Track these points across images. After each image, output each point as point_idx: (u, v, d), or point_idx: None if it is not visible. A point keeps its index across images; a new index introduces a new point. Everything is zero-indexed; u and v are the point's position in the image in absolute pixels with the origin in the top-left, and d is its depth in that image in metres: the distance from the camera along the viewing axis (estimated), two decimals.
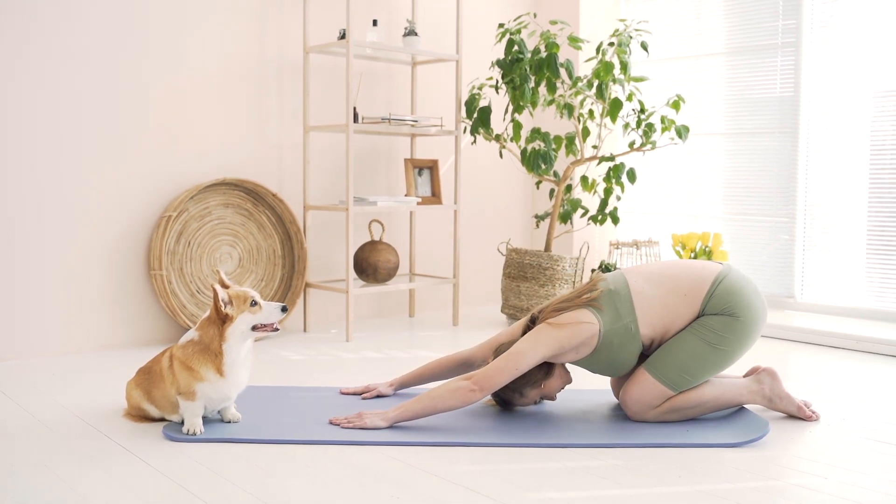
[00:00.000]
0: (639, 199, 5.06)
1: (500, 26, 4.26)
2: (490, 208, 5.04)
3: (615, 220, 4.42)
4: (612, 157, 4.31)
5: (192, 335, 2.45)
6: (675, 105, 4.19)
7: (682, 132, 4.17)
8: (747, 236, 4.61)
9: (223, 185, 3.88)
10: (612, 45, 4.16)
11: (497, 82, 4.34)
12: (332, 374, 3.26)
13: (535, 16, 4.44)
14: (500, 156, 4.51)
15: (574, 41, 4.17)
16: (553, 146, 4.30)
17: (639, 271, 2.64)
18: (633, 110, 4.26)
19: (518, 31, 4.19)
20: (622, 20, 4.31)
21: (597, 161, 4.46)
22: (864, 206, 4.17)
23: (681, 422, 2.56)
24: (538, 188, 4.71)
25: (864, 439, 2.47)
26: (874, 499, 2.02)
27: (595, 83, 4.15)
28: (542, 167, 4.24)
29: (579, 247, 4.81)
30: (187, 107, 3.82)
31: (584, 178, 4.48)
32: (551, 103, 4.21)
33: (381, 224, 4.32)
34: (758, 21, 4.51)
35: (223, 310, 2.40)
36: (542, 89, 4.28)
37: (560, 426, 2.54)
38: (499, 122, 4.68)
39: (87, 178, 3.57)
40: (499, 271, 4.94)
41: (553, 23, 4.21)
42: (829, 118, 4.28)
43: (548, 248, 4.38)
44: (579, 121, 4.31)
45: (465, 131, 4.46)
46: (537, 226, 4.74)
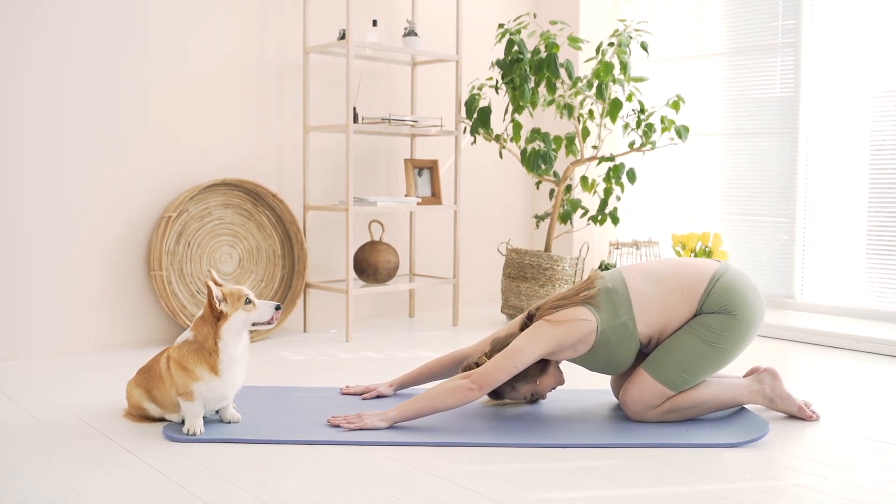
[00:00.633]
0: (639, 199, 5.06)
1: (500, 26, 4.26)
2: (490, 208, 5.04)
3: (615, 221, 4.42)
4: (611, 158, 4.31)
5: (187, 335, 2.46)
6: (675, 105, 4.19)
7: (681, 132, 4.18)
8: (747, 236, 4.61)
9: (223, 185, 3.88)
10: (611, 45, 4.17)
11: (497, 82, 4.34)
12: (332, 375, 3.26)
13: (534, 16, 4.45)
14: (500, 156, 4.51)
15: (574, 41, 4.18)
16: (553, 146, 4.30)
17: (636, 269, 2.64)
18: (633, 110, 4.26)
19: (518, 32, 4.19)
20: (622, 20, 4.32)
21: (597, 161, 4.46)
22: (864, 206, 4.17)
23: (681, 422, 2.56)
24: (538, 188, 4.71)
25: (864, 439, 2.47)
26: (874, 499, 2.02)
27: (595, 83, 4.15)
28: (542, 167, 4.25)
29: (579, 247, 4.81)
30: (187, 107, 3.82)
31: (583, 179, 4.48)
32: (551, 103, 4.21)
33: (381, 224, 4.32)
34: (757, 21, 4.51)
35: (217, 306, 2.40)
36: (542, 89, 4.28)
37: (560, 426, 2.54)
38: (499, 123, 4.68)
39: (87, 179, 3.57)
40: (499, 271, 4.94)
41: (553, 23, 4.21)
42: (828, 118, 4.28)
43: (548, 248, 4.38)
44: (579, 121, 4.31)
45: (464, 131, 4.46)
46: (537, 226, 4.74)
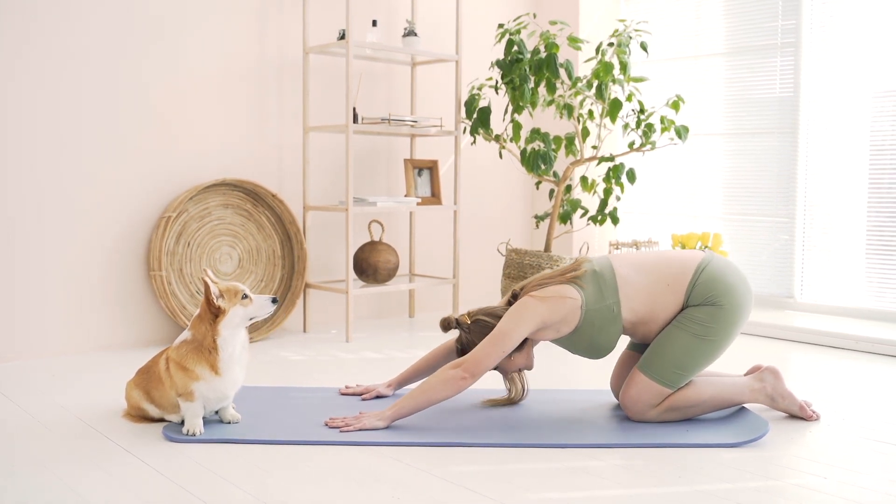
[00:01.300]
0: (638, 199, 5.06)
1: (500, 27, 4.26)
2: (490, 209, 5.04)
3: (615, 221, 4.42)
4: (611, 158, 4.31)
5: (186, 335, 2.46)
6: (675, 105, 4.19)
7: (681, 132, 4.17)
8: (747, 236, 4.61)
9: (223, 185, 3.88)
10: (611, 45, 4.17)
11: (497, 83, 4.34)
12: (332, 375, 3.26)
13: (534, 16, 4.45)
14: (500, 156, 4.51)
15: (573, 41, 4.18)
16: (553, 146, 4.30)
17: (624, 259, 2.64)
18: (633, 111, 4.26)
19: (518, 32, 4.19)
20: (622, 20, 4.32)
21: (596, 161, 4.46)
22: (864, 206, 4.17)
23: (681, 422, 2.56)
24: (538, 188, 4.71)
25: (864, 439, 2.47)
26: (874, 499, 2.02)
27: (595, 83, 4.15)
28: (542, 167, 4.25)
29: (579, 247, 4.81)
30: (187, 107, 3.82)
31: (583, 179, 4.48)
32: (551, 104, 4.21)
33: (381, 224, 4.32)
34: (757, 21, 4.51)
35: (215, 302, 2.40)
36: (542, 90, 4.28)
37: (560, 426, 2.54)
38: (498, 123, 4.68)
39: (86, 179, 3.57)
40: (499, 271, 4.94)
41: (553, 23, 4.21)
42: (828, 118, 4.28)
43: (547, 248, 4.38)
44: (579, 121, 4.31)
45: (464, 132, 4.46)
46: (537, 226, 4.74)
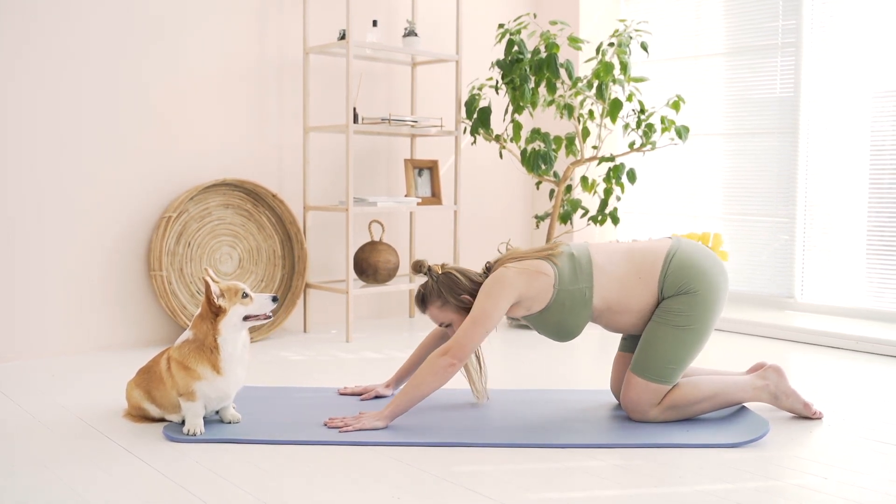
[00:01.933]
0: (639, 199, 5.06)
1: (500, 27, 4.26)
2: (490, 209, 5.04)
3: (615, 221, 4.42)
4: (612, 158, 4.31)
5: (187, 335, 2.46)
6: (675, 105, 4.19)
7: (682, 132, 4.17)
8: (747, 236, 4.61)
9: (223, 185, 3.88)
10: (611, 45, 4.16)
11: (497, 83, 4.34)
12: (332, 375, 3.26)
13: (534, 16, 4.44)
14: (500, 156, 4.51)
15: (574, 41, 4.18)
16: (553, 146, 4.30)
17: (601, 247, 2.65)
18: (633, 111, 4.26)
19: (518, 32, 4.19)
20: (622, 20, 4.32)
21: (597, 161, 4.46)
22: (864, 206, 4.17)
23: (681, 422, 2.56)
24: (538, 188, 4.71)
25: (864, 439, 2.47)
26: (874, 499, 2.02)
27: (595, 83, 4.15)
28: (542, 167, 4.25)
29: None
30: (187, 107, 3.82)
31: (584, 179, 4.48)
32: (551, 104, 4.21)
33: (381, 224, 4.32)
34: (758, 21, 4.51)
35: (216, 302, 2.40)
36: (542, 90, 4.28)
37: (560, 426, 2.54)
38: (499, 123, 4.68)
39: (87, 179, 3.57)
40: None
41: (553, 23, 4.21)
42: (829, 118, 4.28)
43: None
44: (579, 121, 4.31)
45: (464, 132, 4.46)
46: (537, 226, 4.74)
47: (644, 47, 4.17)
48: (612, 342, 3.39)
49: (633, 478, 2.14)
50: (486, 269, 2.65)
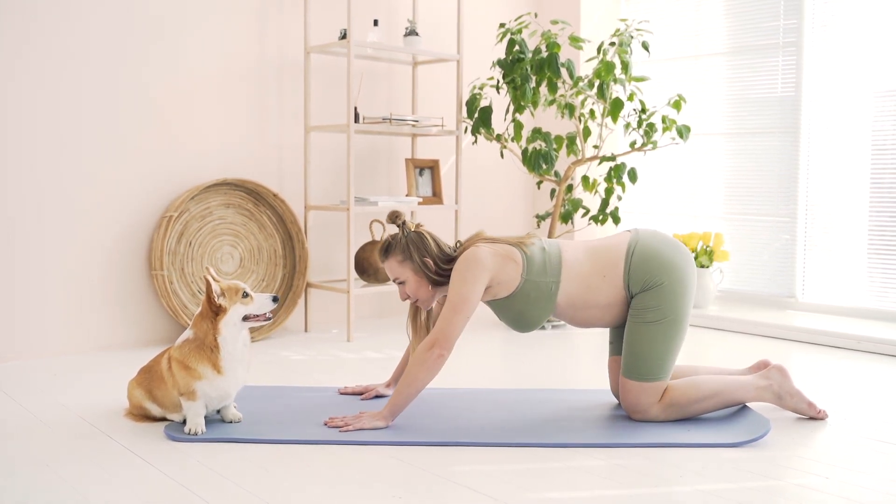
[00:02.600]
0: (640, 198, 5.06)
1: (501, 26, 4.26)
2: (491, 208, 5.03)
3: (616, 220, 4.42)
4: (613, 157, 4.31)
5: (188, 334, 2.46)
6: (677, 105, 4.18)
7: (683, 132, 4.17)
8: (748, 236, 4.61)
9: (224, 185, 3.89)
10: (613, 44, 4.16)
11: (498, 82, 4.34)
12: (333, 374, 3.26)
13: (535, 15, 4.44)
14: (501, 156, 4.51)
15: (575, 41, 4.17)
16: (554, 146, 4.30)
17: (570, 245, 2.65)
18: (634, 110, 4.26)
19: (519, 31, 4.19)
20: (623, 20, 4.31)
21: (598, 161, 4.46)
22: (866, 205, 4.17)
23: (682, 421, 2.56)
24: (539, 188, 4.71)
25: (866, 439, 2.47)
26: (875, 498, 2.02)
27: (596, 83, 4.15)
28: (543, 167, 4.24)
29: None
30: (188, 107, 3.82)
31: (585, 178, 4.48)
32: (552, 103, 4.21)
33: (382, 224, 4.32)
34: (759, 21, 4.51)
35: (216, 301, 2.40)
36: (543, 89, 4.28)
37: (560, 426, 2.54)
38: (500, 122, 4.68)
39: (87, 178, 3.57)
40: None
41: (554, 22, 4.21)
42: (830, 118, 4.28)
43: None
44: (580, 121, 4.31)
45: (466, 131, 4.46)
46: (538, 226, 4.74)
47: (645, 47, 4.17)
48: None
49: (634, 477, 2.14)
50: (458, 246, 2.65)
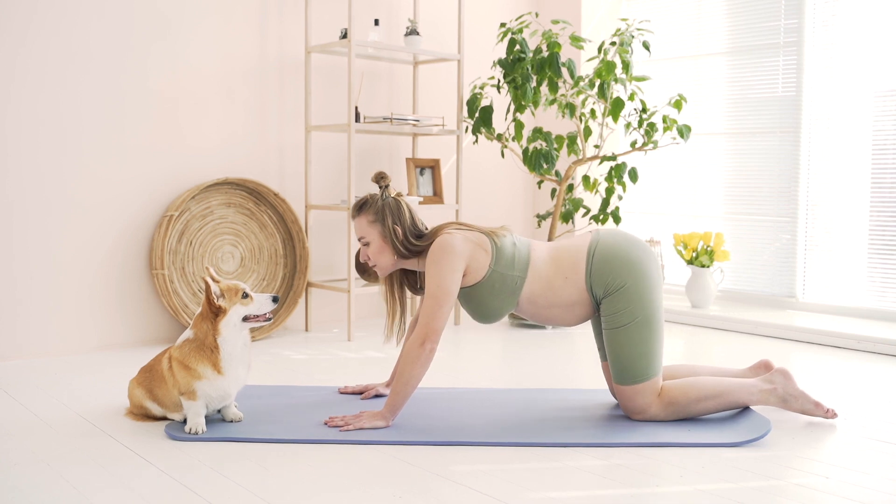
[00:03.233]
0: (640, 198, 5.06)
1: (502, 26, 4.26)
2: (492, 208, 5.04)
3: (617, 220, 4.42)
4: (613, 157, 4.31)
5: (188, 334, 2.46)
6: (677, 104, 4.18)
7: (683, 132, 4.17)
8: (749, 236, 4.61)
9: (225, 184, 3.89)
10: (613, 44, 4.16)
11: (499, 82, 4.34)
12: (334, 374, 3.26)
13: (536, 15, 4.44)
14: (502, 155, 4.51)
15: (576, 40, 4.17)
16: (555, 146, 4.30)
17: (538, 245, 2.66)
18: (635, 110, 4.26)
19: (520, 31, 4.19)
20: (624, 19, 4.31)
21: (598, 160, 4.46)
22: (866, 205, 4.17)
23: (682, 421, 2.56)
24: (540, 188, 4.71)
25: (866, 439, 2.47)
26: (876, 498, 2.02)
27: (597, 83, 4.15)
28: (544, 167, 4.25)
29: None
30: (189, 106, 3.83)
31: (585, 178, 4.48)
32: (553, 103, 4.21)
33: None
34: (760, 20, 4.51)
35: (216, 302, 2.40)
36: (544, 89, 4.28)
37: (560, 426, 2.54)
38: (500, 122, 4.68)
39: (88, 178, 3.57)
40: None
41: (555, 22, 4.21)
42: (830, 118, 4.28)
43: None
44: (581, 120, 4.31)
45: (466, 131, 4.46)
46: (539, 225, 4.74)
47: (646, 46, 4.17)
48: None
49: (634, 477, 2.14)
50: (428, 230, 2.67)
